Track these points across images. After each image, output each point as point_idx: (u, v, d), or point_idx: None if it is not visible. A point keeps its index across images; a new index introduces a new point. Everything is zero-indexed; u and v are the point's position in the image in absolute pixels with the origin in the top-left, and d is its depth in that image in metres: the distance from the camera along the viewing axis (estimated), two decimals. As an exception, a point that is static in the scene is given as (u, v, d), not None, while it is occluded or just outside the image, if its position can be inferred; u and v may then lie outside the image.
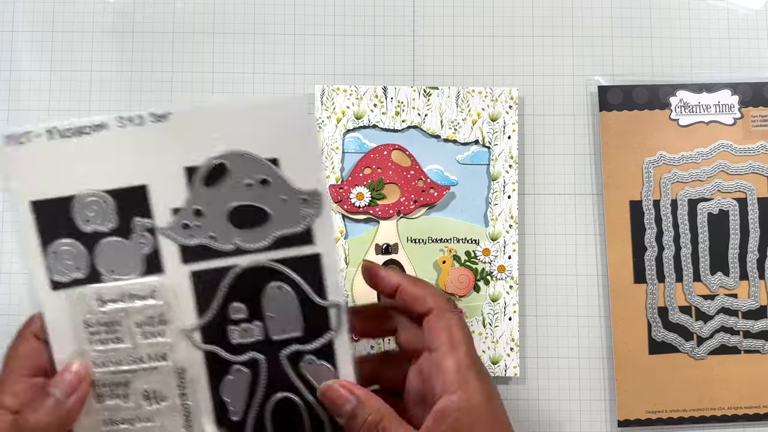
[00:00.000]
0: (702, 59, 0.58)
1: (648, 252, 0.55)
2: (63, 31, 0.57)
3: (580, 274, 0.56)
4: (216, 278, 0.40)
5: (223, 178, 0.39)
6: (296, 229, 0.40)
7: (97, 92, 0.57)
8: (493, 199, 0.55)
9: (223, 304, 0.40)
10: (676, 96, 0.56)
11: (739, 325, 0.55)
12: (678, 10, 0.59)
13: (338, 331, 0.40)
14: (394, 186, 0.55)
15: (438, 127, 0.55)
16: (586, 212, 0.56)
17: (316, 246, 0.40)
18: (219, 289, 0.40)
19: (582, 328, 0.55)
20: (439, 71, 0.57)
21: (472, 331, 0.54)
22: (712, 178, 0.56)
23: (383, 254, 0.54)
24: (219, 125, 0.39)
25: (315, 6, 0.58)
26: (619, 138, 0.56)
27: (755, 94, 0.56)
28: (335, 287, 0.40)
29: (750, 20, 0.58)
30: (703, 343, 0.55)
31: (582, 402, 0.55)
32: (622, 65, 0.58)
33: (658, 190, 0.56)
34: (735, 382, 0.54)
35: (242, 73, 0.57)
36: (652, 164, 0.56)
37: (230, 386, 0.40)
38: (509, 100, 0.56)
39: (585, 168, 0.57)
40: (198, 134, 0.39)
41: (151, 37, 0.57)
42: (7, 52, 0.57)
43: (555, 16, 0.58)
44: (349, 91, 0.55)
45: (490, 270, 0.54)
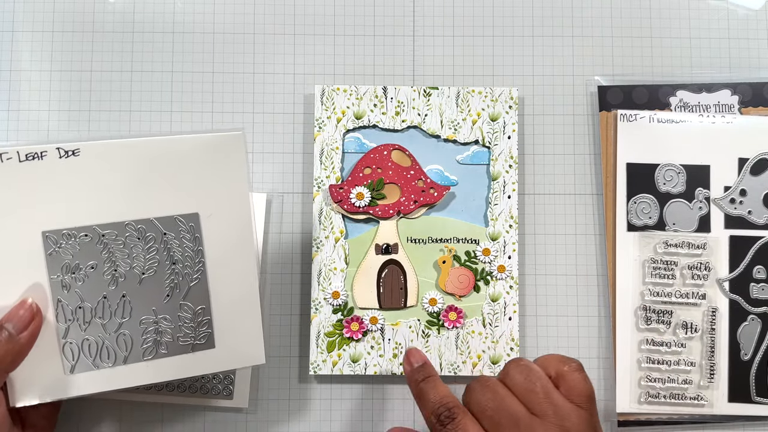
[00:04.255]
0: (702, 59, 0.58)
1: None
2: (63, 31, 0.57)
3: (580, 274, 0.56)
4: (746, 244, 0.53)
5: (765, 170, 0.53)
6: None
7: (97, 92, 0.57)
8: (493, 199, 0.55)
9: (749, 265, 0.53)
10: (676, 96, 0.56)
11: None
12: (678, 10, 0.59)
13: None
14: (394, 186, 0.55)
15: (438, 127, 0.55)
16: (586, 212, 0.56)
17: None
18: (748, 253, 0.53)
19: (582, 328, 0.55)
20: (439, 71, 0.57)
21: (472, 331, 0.54)
22: (714, 178, 0.58)
23: (383, 254, 0.55)
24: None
25: (315, 6, 0.58)
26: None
27: (755, 94, 0.56)
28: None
29: (750, 20, 0.58)
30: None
31: (582, 402, 0.55)
32: (622, 65, 0.58)
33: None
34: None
35: (242, 73, 0.57)
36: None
37: (745, 331, 0.53)
38: (509, 100, 0.56)
39: (585, 168, 0.57)
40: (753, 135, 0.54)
41: (151, 37, 0.57)
42: (7, 52, 0.57)
43: (555, 16, 0.58)
44: (349, 91, 0.55)
45: (490, 270, 0.54)
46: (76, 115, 0.56)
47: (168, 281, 0.45)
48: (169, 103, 0.57)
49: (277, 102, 0.57)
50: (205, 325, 0.46)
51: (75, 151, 0.42)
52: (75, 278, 0.43)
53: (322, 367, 0.53)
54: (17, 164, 0.41)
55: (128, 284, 0.44)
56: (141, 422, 0.54)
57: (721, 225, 0.54)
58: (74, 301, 0.44)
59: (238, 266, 0.46)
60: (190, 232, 0.45)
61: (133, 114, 0.56)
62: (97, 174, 0.43)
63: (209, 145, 0.44)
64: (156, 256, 0.44)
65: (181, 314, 0.45)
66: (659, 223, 0.54)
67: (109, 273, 0.44)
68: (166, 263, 0.45)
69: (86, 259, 0.44)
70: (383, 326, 0.54)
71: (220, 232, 0.45)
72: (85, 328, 0.44)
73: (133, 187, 0.44)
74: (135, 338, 0.45)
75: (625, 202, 0.55)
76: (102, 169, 0.43)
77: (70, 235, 0.43)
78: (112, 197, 0.43)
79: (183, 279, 0.45)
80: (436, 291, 0.54)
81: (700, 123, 0.55)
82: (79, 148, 0.42)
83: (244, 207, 0.45)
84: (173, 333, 0.45)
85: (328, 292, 0.54)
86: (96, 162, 0.43)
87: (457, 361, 0.54)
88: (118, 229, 0.44)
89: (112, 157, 0.43)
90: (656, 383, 0.53)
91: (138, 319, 0.45)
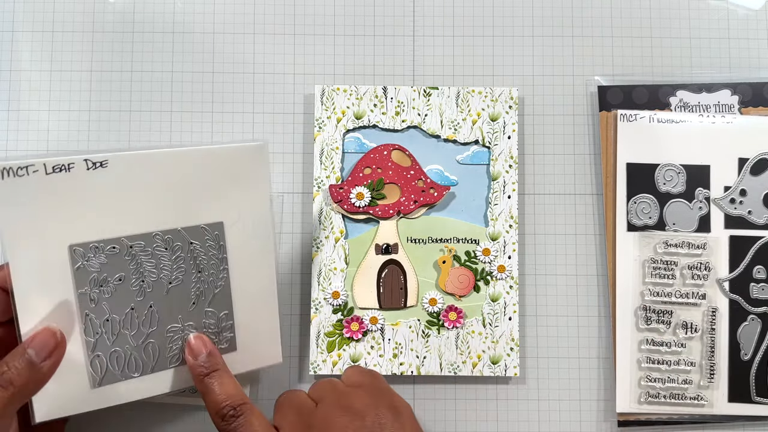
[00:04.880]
0: (702, 59, 0.58)
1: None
2: (63, 31, 0.57)
3: (580, 274, 0.56)
4: (746, 244, 0.53)
5: (765, 170, 0.53)
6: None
7: (97, 92, 0.57)
8: (493, 199, 0.55)
9: (749, 265, 0.53)
10: (676, 96, 0.56)
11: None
12: (678, 10, 0.59)
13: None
14: (394, 186, 0.55)
15: (438, 127, 0.55)
16: (586, 212, 0.56)
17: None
18: (748, 253, 0.53)
19: (582, 328, 0.55)
20: (439, 71, 0.57)
21: (472, 331, 0.54)
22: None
23: (383, 254, 0.55)
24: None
25: (315, 6, 0.58)
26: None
27: (755, 94, 0.56)
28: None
29: (750, 20, 0.58)
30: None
31: (582, 402, 0.55)
32: (622, 65, 0.58)
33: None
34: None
35: (242, 73, 0.57)
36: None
37: (745, 331, 0.53)
38: (509, 100, 0.56)
39: (585, 168, 0.57)
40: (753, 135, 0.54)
41: (151, 37, 0.57)
42: (7, 52, 0.57)
43: (555, 16, 0.58)
44: (349, 91, 0.55)
45: (490, 270, 0.54)
46: (76, 115, 0.56)
47: (194, 289, 0.45)
48: (169, 103, 0.57)
49: (277, 102, 0.57)
50: (228, 329, 0.47)
51: (103, 162, 0.41)
52: (103, 291, 0.43)
53: (322, 367, 0.53)
54: (44, 177, 0.40)
55: (155, 294, 0.44)
56: (141, 422, 0.54)
57: (721, 225, 0.54)
58: (102, 314, 0.43)
59: (258, 271, 0.47)
60: (215, 240, 0.45)
61: (133, 114, 0.56)
62: (124, 186, 0.42)
63: (233, 156, 0.45)
64: (183, 265, 0.45)
65: (205, 320, 0.46)
66: (659, 223, 0.54)
67: (137, 284, 0.44)
68: (192, 272, 0.45)
69: (114, 272, 0.43)
70: (383, 326, 0.54)
71: (243, 239, 0.46)
72: (113, 340, 0.43)
73: (160, 197, 0.43)
74: (162, 347, 0.45)
75: (625, 202, 0.55)
76: (129, 180, 0.42)
77: (97, 248, 0.42)
78: (139, 208, 0.43)
79: (208, 286, 0.46)
80: (436, 291, 0.54)
81: (700, 123, 0.55)
82: (107, 159, 0.41)
83: (266, 214, 0.46)
84: None
85: (328, 292, 0.54)
86: (123, 174, 0.42)
87: (457, 361, 0.54)
88: (146, 240, 0.43)
89: (140, 169, 0.42)
90: (656, 383, 0.53)
91: (165, 328, 0.45)
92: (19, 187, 0.39)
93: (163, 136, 0.56)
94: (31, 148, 0.56)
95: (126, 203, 0.42)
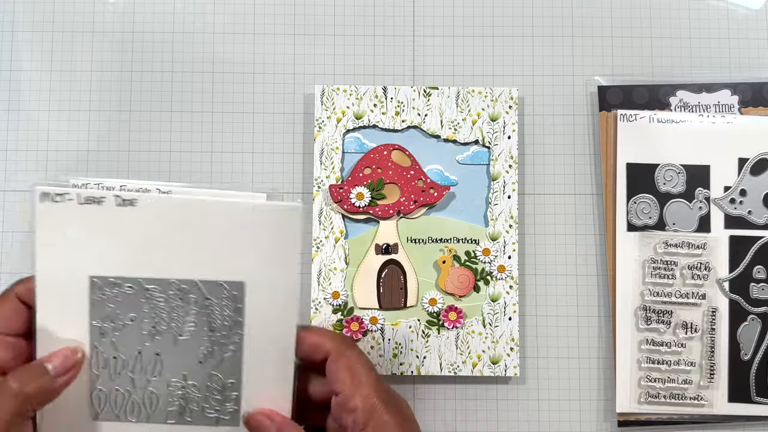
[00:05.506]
0: (702, 59, 0.58)
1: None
2: (63, 31, 0.57)
3: (580, 274, 0.56)
4: (746, 244, 0.53)
5: (765, 170, 0.53)
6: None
7: (97, 92, 0.57)
8: (493, 199, 0.55)
9: (749, 265, 0.53)
10: (676, 96, 0.56)
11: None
12: (678, 10, 0.59)
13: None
14: (394, 186, 0.55)
15: (438, 127, 0.55)
16: (586, 212, 0.56)
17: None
18: (748, 253, 0.53)
19: (582, 328, 0.55)
20: (439, 71, 0.57)
21: (472, 331, 0.54)
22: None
23: (383, 254, 0.55)
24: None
25: (315, 6, 0.58)
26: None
27: (755, 94, 0.56)
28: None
29: (750, 20, 0.58)
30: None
31: (582, 402, 0.55)
32: (622, 65, 0.58)
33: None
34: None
35: (242, 73, 0.57)
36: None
37: (745, 331, 0.53)
38: (509, 100, 0.56)
39: (585, 168, 0.57)
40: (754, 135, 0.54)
41: (151, 37, 0.57)
42: (7, 52, 0.57)
43: (555, 16, 0.58)
44: (349, 91, 0.55)
45: (490, 270, 0.54)
46: (76, 115, 0.56)
47: (203, 348, 0.43)
48: (169, 103, 0.57)
49: (277, 102, 0.57)
50: (232, 401, 0.44)
51: (133, 201, 0.41)
52: (114, 328, 0.43)
53: (322, 367, 0.53)
54: (76, 206, 0.41)
55: (163, 343, 0.43)
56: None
57: (721, 225, 0.54)
58: (110, 350, 0.43)
59: (276, 342, 0.43)
60: (233, 300, 0.43)
61: (132, 114, 0.56)
62: (151, 227, 0.42)
63: (265, 215, 0.42)
64: (195, 319, 0.43)
65: (210, 384, 0.44)
66: (659, 223, 0.54)
67: (147, 328, 0.43)
68: (204, 329, 0.43)
69: (127, 311, 0.43)
70: (383, 326, 0.54)
71: (263, 305, 0.43)
72: (115, 378, 0.43)
73: (185, 245, 0.42)
74: (162, 399, 0.44)
75: (625, 202, 0.55)
76: (157, 223, 0.42)
77: (115, 284, 0.42)
78: (162, 252, 0.42)
79: (218, 348, 0.43)
80: (436, 291, 0.54)
81: (700, 123, 0.55)
82: (137, 198, 0.41)
83: (291, 282, 0.43)
84: (200, 402, 0.44)
85: (328, 292, 0.54)
86: (152, 215, 0.41)
87: (457, 361, 0.54)
88: (162, 286, 0.43)
89: (168, 213, 0.42)
90: (656, 383, 0.53)
91: (167, 381, 0.43)
92: (54, 212, 0.41)
93: (163, 135, 0.56)
94: (31, 148, 0.56)
95: (149, 244, 0.42)
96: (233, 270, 0.42)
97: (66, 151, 0.56)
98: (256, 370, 0.43)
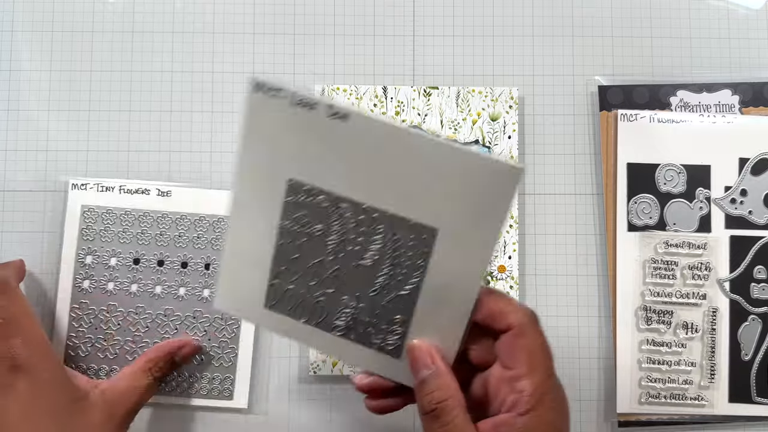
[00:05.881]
0: (702, 59, 0.58)
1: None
2: (63, 31, 0.57)
3: (580, 275, 0.56)
4: (747, 244, 0.53)
5: (765, 170, 0.53)
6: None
7: (97, 92, 0.57)
8: (493, 199, 0.55)
9: (749, 265, 0.53)
10: (677, 96, 0.56)
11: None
12: (678, 10, 0.58)
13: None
14: (394, 186, 0.55)
15: (438, 127, 0.55)
16: (586, 212, 0.56)
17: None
18: (748, 253, 0.53)
19: (582, 328, 0.55)
20: (439, 71, 0.57)
21: (472, 331, 0.54)
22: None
23: (383, 254, 0.54)
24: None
25: (315, 6, 0.58)
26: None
27: (756, 94, 0.56)
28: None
29: (750, 20, 0.58)
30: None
31: (582, 402, 0.55)
32: (622, 65, 0.58)
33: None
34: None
35: (242, 73, 0.57)
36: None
37: (745, 331, 0.53)
38: (509, 100, 0.56)
39: (585, 168, 0.57)
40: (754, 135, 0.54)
41: (151, 37, 0.57)
42: (7, 52, 0.57)
43: (555, 16, 0.58)
44: (349, 91, 0.55)
45: (490, 270, 0.54)
46: (75, 115, 0.56)
47: (381, 279, 0.42)
48: (168, 103, 0.57)
49: (277, 102, 0.57)
50: (398, 335, 0.43)
51: (345, 115, 0.39)
52: (301, 233, 0.42)
53: (322, 368, 0.53)
54: (287, 106, 0.39)
55: (345, 262, 0.42)
56: (139, 422, 0.53)
57: (722, 225, 0.54)
58: (294, 251, 0.42)
59: (455, 296, 0.41)
60: (422, 244, 0.41)
61: (132, 114, 0.56)
62: (356, 146, 0.40)
63: (486, 168, 0.39)
64: (379, 250, 0.41)
65: (380, 313, 0.42)
66: (660, 223, 0.54)
67: (332, 244, 0.42)
68: (386, 261, 0.42)
69: (317, 221, 0.42)
70: (383, 326, 0.54)
71: (452, 258, 0.40)
72: (294, 279, 0.43)
73: (388, 174, 0.40)
74: (330, 312, 0.43)
75: (625, 202, 0.54)
76: (363, 144, 0.39)
77: (311, 192, 0.41)
78: (362, 174, 0.40)
79: (395, 284, 0.42)
80: (436, 291, 0.54)
81: (701, 123, 0.55)
82: (350, 114, 0.39)
83: (490, 244, 0.40)
84: (366, 326, 0.43)
85: (328, 292, 0.54)
86: (360, 134, 0.39)
87: (457, 361, 0.53)
88: (355, 208, 0.41)
89: (378, 138, 0.39)
90: (657, 383, 0.53)
91: (340, 297, 0.43)
92: (266, 105, 0.39)
93: (163, 135, 0.56)
94: (31, 148, 0.56)
95: (351, 163, 0.40)
96: (431, 213, 0.40)
97: (66, 151, 0.56)
98: (427, 317, 0.42)
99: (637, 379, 0.54)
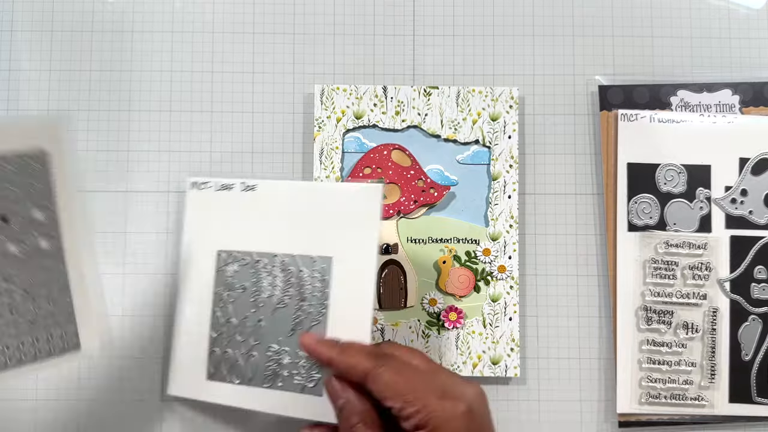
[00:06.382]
0: (702, 59, 0.58)
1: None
2: (62, 30, 0.57)
3: (580, 274, 0.56)
4: (747, 244, 0.53)
5: (766, 170, 0.53)
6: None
7: (97, 92, 0.57)
8: (493, 199, 0.55)
9: (750, 265, 0.53)
10: (677, 96, 0.56)
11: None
12: (678, 10, 0.58)
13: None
14: (394, 186, 0.55)
15: (438, 127, 0.55)
16: (586, 212, 0.56)
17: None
18: (749, 253, 0.53)
19: (582, 328, 0.55)
20: (439, 71, 0.57)
21: (472, 331, 0.54)
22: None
23: (383, 254, 0.54)
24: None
25: (315, 6, 0.58)
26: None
27: (756, 94, 0.56)
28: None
29: (750, 20, 0.58)
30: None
31: (582, 402, 0.55)
32: (623, 65, 0.58)
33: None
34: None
35: (242, 73, 0.57)
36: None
37: (746, 331, 0.53)
38: (509, 99, 0.56)
39: (585, 168, 0.57)
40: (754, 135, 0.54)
41: (151, 37, 0.57)
42: (7, 52, 0.57)
43: (555, 16, 0.58)
44: (349, 91, 0.55)
45: (490, 270, 0.54)
46: (75, 115, 0.56)
47: (294, 316, 0.48)
48: (168, 103, 0.57)
49: (277, 102, 0.57)
50: (317, 369, 0.47)
51: (253, 186, 0.50)
52: (230, 295, 0.50)
53: (321, 368, 0.54)
54: (213, 192, 0.51)
55: (265, 311, 0.49)
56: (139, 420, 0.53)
57: (722, 225, 0.54)
58: (226, 315, 0.50)
59: (356, 312, 0.47)
60: (321, 273, 0.48)
61: (132, 114, 0.56)
62: (266, 207, 0.50)
63: (349, 193, 0.48)
64: (291, 290, 0.48)
65: (299, 351, 0.48)
66: (660, 223, 0.54)
67: (254, 297, 0.49)
68: (296, 298, 0.48)
69: (241, 281, 0.50)
70: (383, 327, 0.54)
71: (346, 278, 0.48)
72: (227, 342, 0.49)
73: (289, 223, 0.49)
74: (260, 364, 0.48)
75: (625, 202, 0.54)
76: (270, 203, 0.50)
77: (235, 257, 0.50)
78: (271, 230, 0.49)
79: (307, 317, 0.48)
80: (436, 291, 0.54)
81: (701, 123, 0.55)
82: (257, 184, 0.50)
83: (371, 255, 0.47)
84: (290, 369, 0.48)
85: (328, 293, 0.54)
86: (267, 197, 0.50)
87: (457, 361, 0.54)
88: (269, 259, 0.49)
89: (280, 195, 0.50)
90: (657, 384, 0.53)
91: (266, 346, 0.48)
92: (199, 198, 0.51)
93: (163, 135, 0.56)
94: (31, 148, 0.56)
95: (262, 222, 0.50)
96: (323, 245, 0.48)
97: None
98: (340, 334, 0.47)
99: (638, 379, 0.54)
